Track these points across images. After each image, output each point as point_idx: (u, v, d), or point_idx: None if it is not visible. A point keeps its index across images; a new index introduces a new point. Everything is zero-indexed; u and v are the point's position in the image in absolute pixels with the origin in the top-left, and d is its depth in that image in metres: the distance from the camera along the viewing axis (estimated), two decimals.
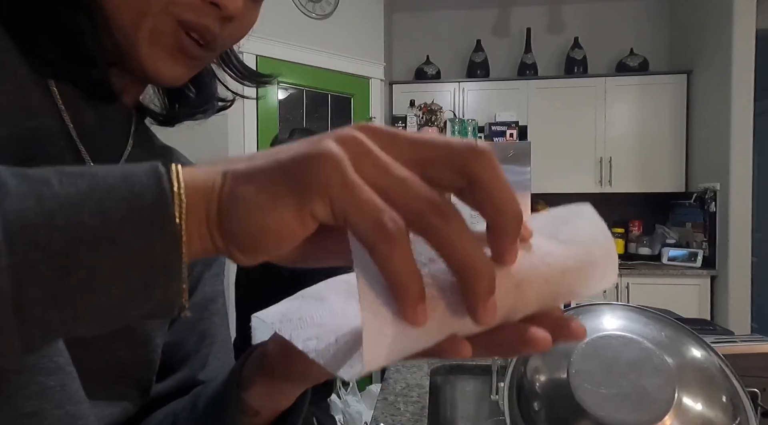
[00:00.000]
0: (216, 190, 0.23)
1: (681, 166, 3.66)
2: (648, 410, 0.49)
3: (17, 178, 0.21)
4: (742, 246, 3.18)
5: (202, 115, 0.56)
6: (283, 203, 0.22)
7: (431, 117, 3.52)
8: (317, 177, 0.22)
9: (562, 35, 4.05)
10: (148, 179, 0.22)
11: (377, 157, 0.23)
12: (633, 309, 0.60)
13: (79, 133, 0.42)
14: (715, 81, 3.33)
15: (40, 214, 0.20)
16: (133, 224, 0.22)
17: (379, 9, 3.45)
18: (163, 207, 0.22)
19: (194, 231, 0.23)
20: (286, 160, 0.23)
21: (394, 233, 0.21)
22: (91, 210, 0.21)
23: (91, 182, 0.22)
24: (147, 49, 0.40)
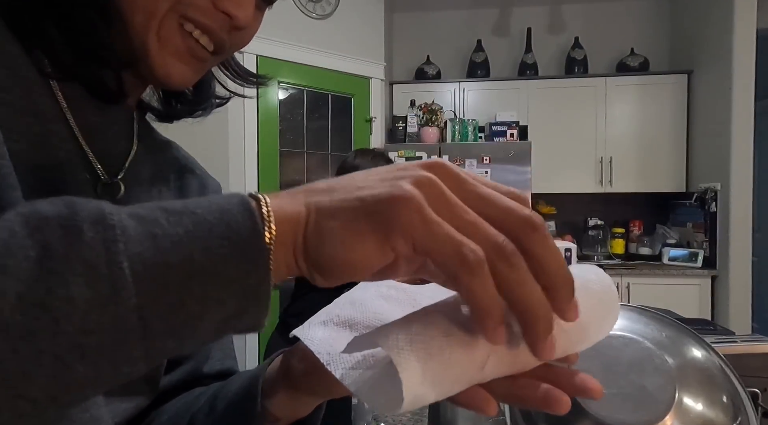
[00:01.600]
0: (302, 223, 0.26)
1: (681, 166, 3.66)
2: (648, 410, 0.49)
3: (133, 219, 0.24)
4: (743, 246, 3.18)
5: (202, 113, 0.57)
6: (367, 240, 0.25)
7: (431, 117, 3.51)
8: (399, 218, 0.24)
9: (562, 35, 4.05)
10: (242, 217, 0.25)
11: (451, 200, 0.25)
12: (633, 309, 0.60)
13: (84, 134, 0.42)
14: (715, 81, 3.33)
15: (157, 254, 0.23)
16: (234, 260, 0.25)
17: (379, 9, 3.45)
18: (258, 242, 0.25)
19: (281, 259, 0.26)
20: (369, 199, 0.25)
21: (474, 263, 0.24)
22: (198, 248, 0.24)
23: (193, 220, 0.25)
24: (157, 53, 0.41)
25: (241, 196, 0.26)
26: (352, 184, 0.26)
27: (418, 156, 3.30)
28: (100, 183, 0.44)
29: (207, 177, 0.59)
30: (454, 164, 0.27)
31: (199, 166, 0.59)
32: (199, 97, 0.55)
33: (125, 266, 0.23)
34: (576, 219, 4.00)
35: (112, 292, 0.22)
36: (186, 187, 0.55)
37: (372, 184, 0.26)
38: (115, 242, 0.23)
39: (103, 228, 0.23)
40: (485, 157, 3.25)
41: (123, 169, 0.46)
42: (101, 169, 0.44)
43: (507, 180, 3.23)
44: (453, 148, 3.31)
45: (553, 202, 3.87)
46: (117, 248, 0.23)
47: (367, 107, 3.42)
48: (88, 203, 0.24)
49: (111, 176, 0.45)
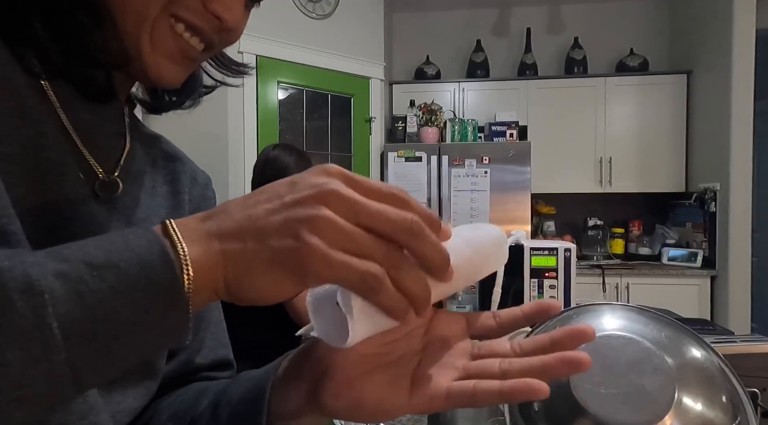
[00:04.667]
0: (220, 272, 0.30)
1: (681, 166, 3.66)
2: (648, 410, 0.49)
3: (59, 279, 0.26)
4: (742, 246, 3.18)
5: (190, 104, 0.57)
6: (283, 284, 0.30)
7: (431, 117, 3.51)
8: (309, 267, 0.29)
9: (562, 35, 4.05)
10: (162, 269, 0.28)
11: (346, 231, 0.29)
12: (633, 309, 0.60)
13: (78, 133, 0.42)
14: (715, 81, 3.33)
15: (84, 311, 0.26)
16: (155, 310, 0.28)
17: (379, 9, 3.45)
18: (177, 293, 0.28)
19: (201, 299, 0.30)
20: (280, 250, 0.29)
21: (375, 282, 0.30)
22: (121, 302, 0.27)
23: (116, 274, 0.27)
24: (150, 54, 0.42)
25: (160, 247, 0.28)
26: (258, 225, 0.30)
27: (417, 156, 3.30)
28: (99, 181, 0.44)
29: (196, 170, 0.60)
30: (341, 175, 0.31)
31: (188, 158, 0.60)
32: (187, 89, 0.55)
33: (54, 327, 0.25)
34: (575, 219, 4.00)
35: (44, 351, 0.25)
36: (177, 181, 0.55)
37: (277, 227, 0.29)
38: (43, 307, 0.25)
39: (32, 295, 0.25)
40: (485, 157, 3.25)
41: (119, 166, 0.47)
42: (97, 167, 0.44)
43: (507, 180, 3.24)
44: (452, 148, 3.32)
45: (552, 202, 3.87)
46: (46, 312, 0.25)
47: (367, 107, 3.42)
48: (14, 270, 0.25)
49: (107, 173, 0.45)
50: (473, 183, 3.26)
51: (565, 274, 1.45)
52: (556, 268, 1.45)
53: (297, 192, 0.30)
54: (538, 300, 0.39)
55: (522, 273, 1.46)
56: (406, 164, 3.30)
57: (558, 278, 1.45)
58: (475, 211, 3.26)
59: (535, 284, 1.46)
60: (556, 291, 1.45)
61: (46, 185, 0.39)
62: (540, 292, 1.46)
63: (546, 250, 1.46)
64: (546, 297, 1.46)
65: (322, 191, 0.30)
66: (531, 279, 1.46)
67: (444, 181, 3.25)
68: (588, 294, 3.30)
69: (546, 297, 1.46)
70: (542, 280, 1.46)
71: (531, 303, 0.39)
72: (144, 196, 0.50)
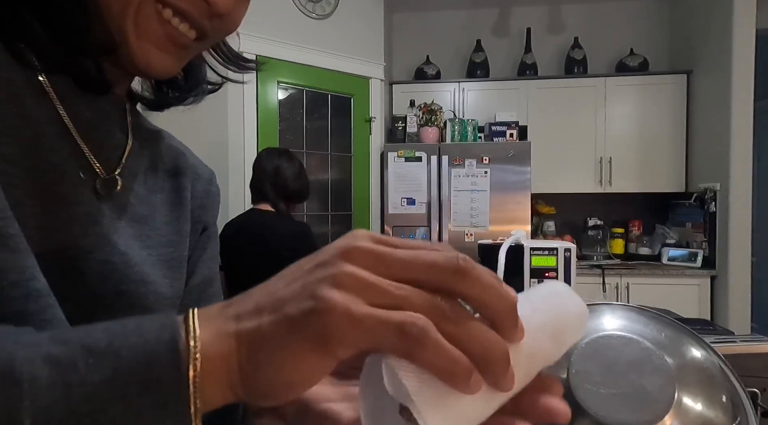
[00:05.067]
0: (234, 356, 0.25)
1: (681, 166, 3.66)
2: (648, 410, 0.49)
3: (48, 365, 0.23)
4: (742, 246, 3.18)
5: (193, 100, 0.55)
6: (306, 358, 0.24)
7: (431, 117, 3.51)
8: (332, 329, 0.23)
9: (562, 35, 4.05)
10: (167, 361, 0.24)
11: (375, 284, 0.25)
12: (633, 309, 0.60)
13: (79, 131, 0.42)
14: (715, 81, 3.33)
15: (67, 405, 0.23)
16: (150, 410, 0.24)
17: (379, 9, 3.45)
18: (179, 391, 0.24)
19: (214, 393, 0.25)
20: (298, 316, 0.24)
21: (419, 334, 0.23)
22: (114, 398, 0.23)
23: (115, 365, 0.23)
24: (136, 41, 0.40)
25: (171, 334, 0.25)
26: (276, 297, 0.25)
27: (417, 156, 3.30)
28: (99, 180, 0.44)
29: (200, 165, 0.59)
30: (368, 235, 0.26)
31: (191, 153, 0.59)
32: (191, 83, 0.54)
33: (26, 424, 0.22)
34: (575, 219, 4.00)
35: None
36: (181, 177, 0.55)
37: (295, 293, 0.25)
38: (19, 399, 0.22)
39: (9, 385, 0.22)
40: (485, 157, 3.25)
41: (120, 164, 0.46)
42: (98, 165, 0.44)
43: (506, 180, 3.24)
44: (452, 148, 3.31)
45: (552, 202, 3.87)
46: (20, 405, 0.22)
47: (367, 107, 3.42)
48: (1, 351, 0.23)
49: (108, 171, 0.45)
50: (473, 183, 3.26)
51: (565, 274, 1.45)
52: (556, 268, 1.45)
53: (319, 258, 0.26)
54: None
55: (522, 273, 1.46)
56: (406, 164, 3.30)
57: (558, 278, 1.45)
58: (475, 211, 3.26)
59: (535, 284, 1.46)
60: None
61: (46, 186, 0.38)
62: None
63: (546, 250, 1.46)
64: None
65: (344, 249, 0.26)
66: (531, 279, 1.46)
67: (444, 181, 3.25)
68: (588, 294, 3.30)
69: None
70: (542, 280, 1.46)
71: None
72: (146, 193, 0.50)
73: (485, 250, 1.50)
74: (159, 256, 0.49)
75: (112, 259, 0.42)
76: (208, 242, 0.57)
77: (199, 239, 0.56)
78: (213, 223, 0.59)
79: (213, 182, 0.60)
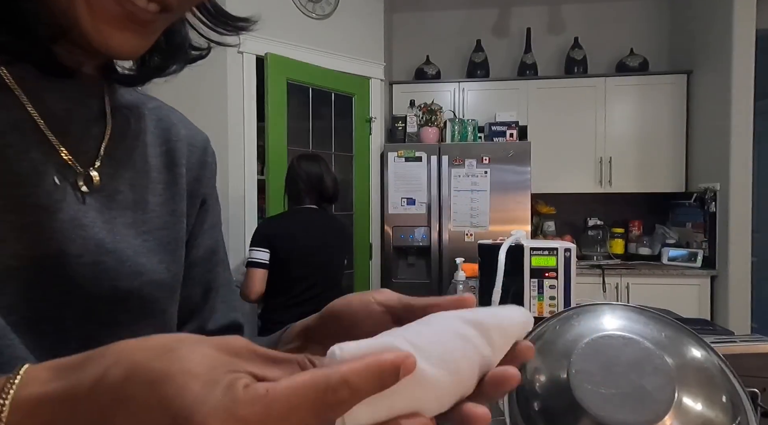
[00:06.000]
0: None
1: (681, 166, 3.66)
2: (648, 410, 0.49)
3: None
4: (742, 246, 3.18)
5: (176, 69, 0.49)
6: None
7: (431, 117, 3.51)
8: None
9: (562, 35, 4.05)
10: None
11: None
12: (633, 309, 0.60)
13: (50, 123, 0.40)
14: (715, 81, 3.33)
15: None
16: None
17: (379, 9, 3.45)
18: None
19: None
20: None
21: None
22: None
23: None
24: (89, 21, 0.36)
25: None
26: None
27: (417, 156, 3.30)
28: (80, 176, 0.42)
29: (193, 132, 0.56)
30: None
31: (183, 118, 0.55)
32: (170, 50, 0.47)
33: None
34: (575, 219, 4.00)
35: None
36: (173, 150, 0.52)
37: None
38: None
39: None
40: (485, 157, 3.25)
41: (100, 154, 0.44)
42: (76, 160, 0.42)
43: (507, 180, 3.24)
44: (452, 148, 3.31)
45: (552, 202, 3.87)
46: None
47: (367, 107, 3.42)
48: None
49: (89, 162, 0.43)
50: (473, 183, 3.26)
51: (565, 274, 1.45)
52: (556, 268, 1.45)
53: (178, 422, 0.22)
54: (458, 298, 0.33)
55: (522, 273, 1.46)
56: (406, 164, 3.30)
57: (558, 278, 1.45)
58: (475, 211, 3.26)
59: (535, 284, 1.46)
60: (556, 291, 1.45)
61: (22, 198, 0.37)
62: (540, 292, 1.46)
63: (546, 250, 1.46)
64: (546, 298, 1.46)
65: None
66: (531, 279, 1.46)
67: (444, 181, 3.25)
68: (588, 294, 3.30)
69: (545, 298, 1.46)
70: (542, 280, 1.46)
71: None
72: (136, 176, 0.47)
73: (485, 250, 1.50)
74: (155, 240, 0.47)
75: (102, 259, 0.41)
76: (206, 215, 0.56)
77: (199, 212, 0.55)
78: (211, 194, 0.57)
79: (208, 150, 0.57)
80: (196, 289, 0.54)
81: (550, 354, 0.57)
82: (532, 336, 0.61)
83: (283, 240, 2.08)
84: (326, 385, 0.23)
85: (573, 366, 0.53)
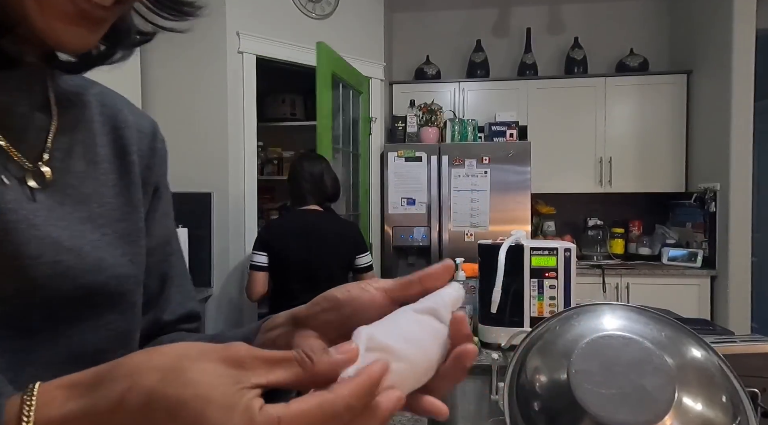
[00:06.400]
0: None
1: (681, 166, 3.66)
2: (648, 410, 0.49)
3: None
4: (742, 246, 3.18)
5: (121, 53, 0.47)
6: None
7: (431, 117, 3.51)
8: None
9: (562, 35, 4.05)
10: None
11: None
12: (633, 309, 0.60)
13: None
14: (715, 81, 3.33)
15: None
16: None
17: (379, 9, 3.45)
18: None
19: None
20: None
21: None
22: None
23: None
24: (40, 18, 0.35)
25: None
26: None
27: (417, 156, 3.30)
28: (28, 173, 0.41)
29: (140, 118, 0.53)
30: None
31: (129, 104, 0.53)
32: (115, 36, 0.45)
33: None
34: (575, 219, 4.00)
35: None
36: (121, 138, 0.50)
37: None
38: None
39: None
40: (485, 157, 3.25)
41: (46, 147, 0.43)
42: (23, 157, 0.40)
43: (507, 180, 3.23)
44: (452, 148, 3.31)
45: (552, 202, 3.87)
46: None
47: (367, 107, 3.42)
48: None
49: (36, 157, 0.42)
50: (473, 183, 3.26)
51: (565, 274, 1.45)
52: (556, 268, 1.45)
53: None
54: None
55: (522, 273, 1.46)
56: (406, 164, 3.30)
57: (558, 278, 1.45)
58: (475, 211, 3.26)
59: (535, 284, 1.46)
60: (556, 291, 1.45)
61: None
62: (540, 292, 1.46)
63: (546, 250, 1.46)
64: (546, 298, 1.46)
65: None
66: (531, 279, 1.46)
67: (444, 181, 3.25)
68: (588, 294, 3.30)
69: (545, 298, 1.46)
70: (542, 280, 1.46)
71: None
72: (87, 168, 0.46)
73: (485, 250, 1.50)
74: (114, 233, 0.46)
75: (61, 258, 0.40)
76: (159, 202, 0.54)
77: (151, 201, 0.53)
78: (163, 182, 0.56)
79: (157, 136, 0.55)
80: (152, 280, 0.53)
81: (550, 354, 0.57)
82: (532, 336, 0.61)
83: (280, 245, 2.16)
84: (333, 411, 0.26)
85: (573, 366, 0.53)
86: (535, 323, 0.63)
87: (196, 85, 2.72)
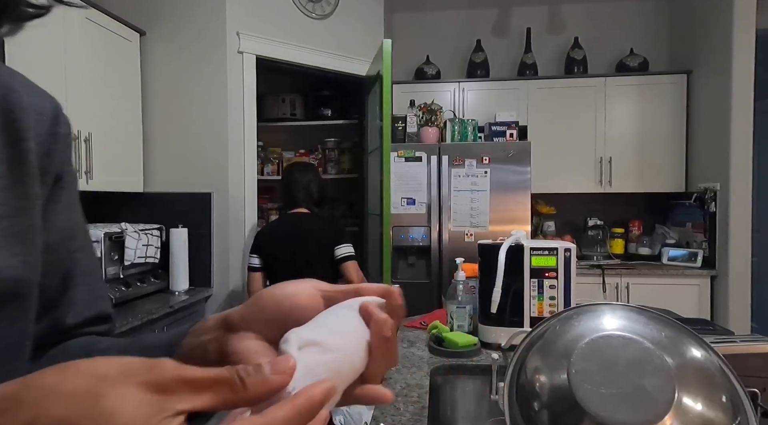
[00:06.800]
0: None
1: (681, 166, 3.66)
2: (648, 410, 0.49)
3: None
4: (742, 246, 3.18)
5: (9, 30, 0.42)
6: None
7: (431, 117, 3.51)
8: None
9: (562, 35, 4.05)
10: None
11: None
12: (633, 309, 0.60)
13: None
14: (715, 81, 3.33)
15: None
16: None
17: (379, 9, 3.45)
18: None
19: None
20: None
21: None
22: None
23: None
24: None
25: None
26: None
27: (417, 156, 3.30)
28: None
29: (41, 100, 0.47)
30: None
31: (28, 83, 0.47)
32: (2, 3, 0.41)
33: None
34: (575, 219, 4.00)
35: None
36: (14, 122, 0.44)
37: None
38: None
39: None
40: (485, 157, 3.25)
41: None
42: None
43: (507, 180, 3.23)
44: (452, 148, 3.31)
45: (552, 202, 3.87)
46: None
47: (389, 108, 3.41)
48: None
49: None
50: (473, 183, 3.26)
51: (565, 274, 1.45)
52: (556, 268, 1.45)
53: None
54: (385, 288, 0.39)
55: (522, 273, 1.46)
56: (406, 164, 3.30)
57: (558, 278, 1.45)
58: (475, 211, 3.26)
59: (535, 284, 1.46)
60: (556, 291, 1.45)
61: None
62: (540, 292, 1.46)
63: (546, 250, 1.46)
64: (546, 298, 1.46)
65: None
66: (531, 279, 1.46)
67: (444, 181, 3.25)
68: (588, 294, 3.30)
69: (545, 298, 1.46)
70: (542, 280, 1.46)
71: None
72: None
73: (485, 250, 1.50)
74: (3, 232, 0.40)
75: None
76: (61, 192, 0.48)
77: (52, 191, 0.47)
78: (68, 170, 0.49)
79: (60, 119, 0.48)
80: (51, 279, 0.47)
81: (550, 354, 0.57)
82: (532, 336, 0.61)
83: (269, 246, 2.42)
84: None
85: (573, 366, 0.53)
86: (535, 323, 0.63)
87: (196, 85, 2.72)
